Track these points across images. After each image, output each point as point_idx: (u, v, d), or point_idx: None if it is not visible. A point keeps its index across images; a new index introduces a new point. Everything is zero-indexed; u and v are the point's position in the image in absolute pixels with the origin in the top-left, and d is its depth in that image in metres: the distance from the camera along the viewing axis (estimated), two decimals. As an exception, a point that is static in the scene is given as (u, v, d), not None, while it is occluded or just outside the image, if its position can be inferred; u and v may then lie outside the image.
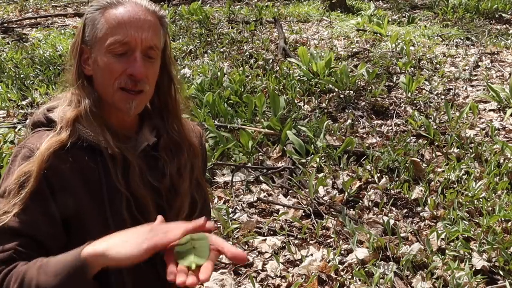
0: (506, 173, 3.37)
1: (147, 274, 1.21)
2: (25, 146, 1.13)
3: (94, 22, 1.14)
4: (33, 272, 0.98)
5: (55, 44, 6.19)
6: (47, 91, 4.74)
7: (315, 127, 3.91)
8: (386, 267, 2.56)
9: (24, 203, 1.05)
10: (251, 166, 3.48)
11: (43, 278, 0.97)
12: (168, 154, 1.24)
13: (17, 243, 1.04)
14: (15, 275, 1.00)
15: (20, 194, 1.06)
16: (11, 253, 1.03)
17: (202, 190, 1.33)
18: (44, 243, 1.07)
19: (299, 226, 2.91)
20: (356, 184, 3.29)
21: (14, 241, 1.04)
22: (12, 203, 1.05)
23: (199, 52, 5.93)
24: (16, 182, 1.07)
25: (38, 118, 1.19)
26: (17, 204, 1.05)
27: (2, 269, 1.02)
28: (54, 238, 1.09)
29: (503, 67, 5.50)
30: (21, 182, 1.06)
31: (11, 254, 1.03)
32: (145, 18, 1.14)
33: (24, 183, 1.06)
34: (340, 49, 6.09)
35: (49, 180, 1.08)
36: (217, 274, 2.48)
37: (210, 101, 4.11)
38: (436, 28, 7.13)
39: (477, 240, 2.72)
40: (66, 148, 1.11)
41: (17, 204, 1.05)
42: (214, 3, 9.38)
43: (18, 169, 1.08)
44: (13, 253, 1.03)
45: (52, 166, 1.09)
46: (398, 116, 4.35)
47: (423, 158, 3.66)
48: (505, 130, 4.12)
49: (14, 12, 8.84)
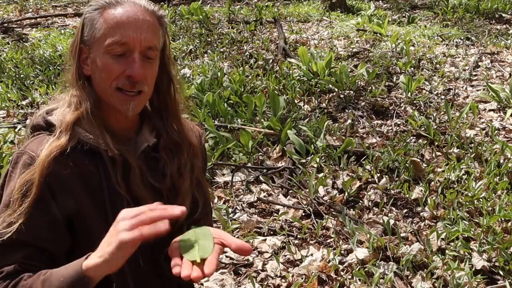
0: (506, 173, 3.37)
1: (148, 274, 1.21)
2: (25, 153, 1.12)
3: (93, 22, 1.14)
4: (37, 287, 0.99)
5: (55, 44, 6.19)
6: (47, 91, 4.74)
7: (315, 127, 3.91)
8: (386, 267, 2.56)
9: (28, 212, 1.06)
10: (251, 166, 3.48)
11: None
12: (168, 154, 1.24)
13: (22, 255, 1.05)
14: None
15: (24, 204, 1.06)
16: (17, 266, 1.04)
17: (203, 190, 1.33)
18: (49, 249, 1.08)
19: (299, 226, 2.91)
20: (356, 184, 3.29)
21: (19, 252, 1.05)
22: (16, 214, 1.06)
23: (199, 52, 5.93)
24: (19, 191, 1.07)
25: (37, 122, 1.19)
26: (21, 214, 1.05)
27: (7, 283, 1.02)
28: (58, 243, 1.10)
29: (503, 67, 5.50)
30: (24, 191, 1.07)
31: (17, 267, 1.04)
32: (144, 19, 1.13)
33: (27, 192, 1.07)
34: (340, 49, 6.09)
35: (50, 185, 1.09)
36: (217, 274, 2.48)
37: (210, 101, 4.11)
38: (436, 28, 7.13)
39: (477, 240, 2.72)
40: (66, 153, 1.11)
41: (21, 214, 1.05)
42: (214, 3, 9.38)
43: (20, 178, 1.08)
44: (19, 265, 1.04)
45: (52, 172, 1.09)
46: (398, 116, 4.35)
47: (423, 158, 3.66)
48: (505, 130, 4.12)
49: (14, 12, 8.84)
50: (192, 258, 0.94)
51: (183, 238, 1.01)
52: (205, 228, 1.05)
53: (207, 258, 0.95)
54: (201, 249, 0.97)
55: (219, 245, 1.00)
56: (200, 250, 0.96)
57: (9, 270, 1.03)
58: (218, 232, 1.03)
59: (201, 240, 1.00)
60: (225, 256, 2.64)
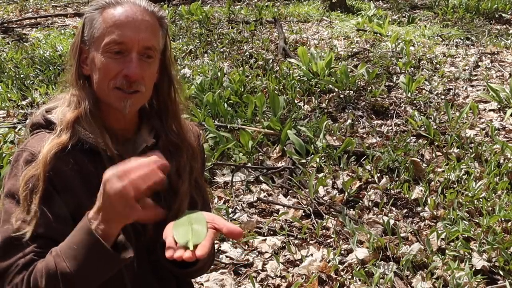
0: (506, 173, 3.37)
1: (147, 276, 1.21)
2: (25, 149, 1.13)
3: (92, 22, 1.14)
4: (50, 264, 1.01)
5: (55, 44, 6.19)
6: (47, 91, 4.74)
7: (315, 127, 3.91)
8: (386, 267, 2.56)
9: (39, 207, 1.07)
10: (251, 166, 3.48)
11: (63, 265, 0.99)
12: (167, 155, 1.24)
13: (35, 245, 1.06)
14: (38, 273, 1.01)
15: (34, 200, 1.07)
16: (32, 256, 1.05)
17: (201, 191, 1.33)
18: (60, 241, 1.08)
19: (299, 226, 2.91)
20: (356, 184, 3.29)
21: (32, 244, 1.06)
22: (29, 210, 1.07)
23: (199, 52, 5.93)
24: (25, 188, 1.07)
25: (37, 120, 1.19)
26: (33, 210, 1.06)
27: (23, 275, 1.03)
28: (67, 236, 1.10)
29: (503, 67, 5.50)
30: (30, 188, 1.07)
31: (32, 257, 1.04)
32: (143, 19, 1.13)
33: (34, 188, 1.07)
34: (340, 49, 6.09)
35: (52, 181, 1.09)
36: (217, 274, 2.48)
37: (210, 101, 4.11)
38: (436, 28, 7.13)
39: (477, 240, 2.72)
40: (67, 150, 1.11)
41: (33, 210, 1.06)
42: (214, 3, 9.38)
43: (23, 174, 1.09)
44: (33, 255, 1.05)
45: (54, 168, 1.09)
46: (398, 116, 4.35)
47: (423, 158, 3.66)
48: (505, 130, 4.12)
49: (14, 12, 8.84)
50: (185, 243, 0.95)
51: (177, 223, 1.02)
52: (199, 213, 1.05)
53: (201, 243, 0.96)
54: (194, 234, 0.97)
55: (212, 229, 1.00)
56: (193, 235, 0.97)
57: (24, 262, 1.04)
58: (211, 216, 1.04)
59: (194, 224, 1.00)
60: (225, 256, 2.64)
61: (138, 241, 1.16)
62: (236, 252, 2.67)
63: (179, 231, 0.98)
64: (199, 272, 1.28)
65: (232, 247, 2.71)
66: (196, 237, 0.96)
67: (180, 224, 1.01)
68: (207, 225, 1.00)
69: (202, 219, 1.02)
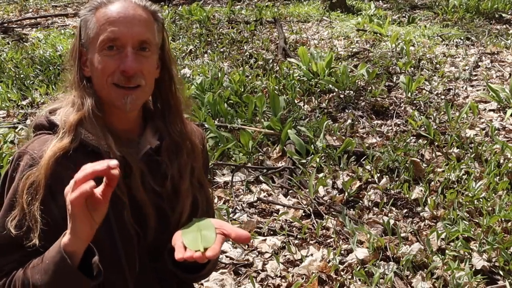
0: (506, 173, 3.37)
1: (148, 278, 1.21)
2: (27, 153, 1.13)
3: (87, 23, 1.15)
4: (27, 274, 1.05)
5: (55, 44, 6.19)
6: (47, 91, 4.74)
7: (315, 127, 3.91)
8: (386, 267, 2.56)
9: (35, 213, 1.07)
10: (251, 166, 3.48)
11: (36, 277, 1.03)
12: (170, 157, 1.24)
13: (23, 251, 1.08)
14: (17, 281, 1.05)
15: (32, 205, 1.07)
16: (15, 264, 1.08)
17: (205, 192, 1.32)
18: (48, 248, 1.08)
19: (299, 226, 2.91)
20: (356, 184, 3.29)
21: (20, 250, 1.08)
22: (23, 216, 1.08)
23: (199, 52, 5.93)
24: (26, 193, 1.08)
25: (40, 121, 1.19)
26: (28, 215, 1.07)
27: (4, 280, 1.07)
28: None
29: (503, 67, 5.50)
30: (30, 193, 1.08)
31: (14, 265, 1.08)
32: (135, 13, 1.13)
33: (33, 193, 1.08)
34: (340, 49, 6.09)
35: (51, 187, 1.09)
36: (217, 274, 2.48)
37: (210, 101, 4.11)
38: (436, 28, 7.13)
39: (477, 240, 2.72)
40: (69, 154, 1.11)
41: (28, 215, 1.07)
42: (214, 3, 9.38)
43: (24, 179, 1.09)
44: (17, 263, 1.08)
45: (54, 173, 1.09)
46: (398, 116, 4.35)
47: (423, 158, 3.66)
48: (505, 130, 4.12)
49: (14, 12, 8.85)
50: (195, 248, 0.96)
51: (186, 229, 1.04)
52: (207, 220, 1.07)
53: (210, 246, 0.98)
54: (203, 239, 0.99)
55: (220, 234, 1.02)
56: (203, 240, 0.98)
57: (8, 268, 1.08)
58: (219, 222, 1.06)
59: (203, 230, 1.02)
60: (225, 256, 2.64)
61: (139, 245, 1.16)
62: (236, 252, 2.67)
63: (189, 237, 1.00)
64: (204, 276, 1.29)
65: (232, 247, 2.71)
66: (206, 242, 0.98)
67: (189, 231, 1.03)
68: (215, 230, 1.02)
69: (211, 226, 1.03)
